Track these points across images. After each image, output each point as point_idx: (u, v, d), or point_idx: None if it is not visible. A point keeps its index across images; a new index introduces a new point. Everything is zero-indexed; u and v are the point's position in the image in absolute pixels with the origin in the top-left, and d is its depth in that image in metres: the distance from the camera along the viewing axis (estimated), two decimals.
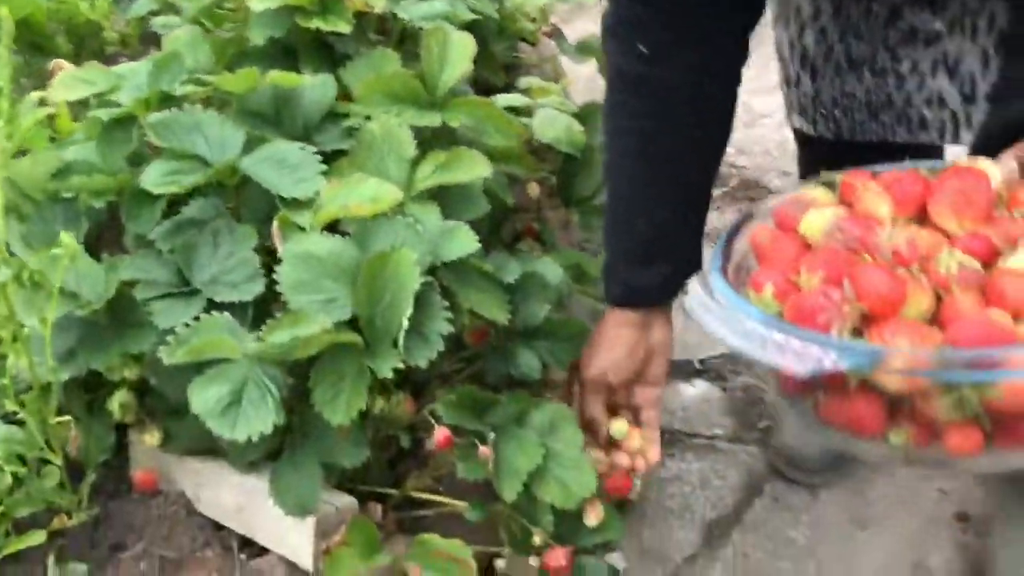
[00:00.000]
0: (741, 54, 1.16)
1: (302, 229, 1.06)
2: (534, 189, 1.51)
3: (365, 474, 1.13)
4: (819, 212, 0.91)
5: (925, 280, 0.83)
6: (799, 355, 0.76)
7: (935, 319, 0.82)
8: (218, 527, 1.13)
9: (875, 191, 0.91)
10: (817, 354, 0.76)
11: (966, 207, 0.87)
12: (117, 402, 1.13)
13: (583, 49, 1.83)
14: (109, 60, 1.73)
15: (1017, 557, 1.35)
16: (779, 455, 1.59)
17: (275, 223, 1.07)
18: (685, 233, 1.22)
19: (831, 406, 0.86)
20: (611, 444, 1.20)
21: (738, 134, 2.42)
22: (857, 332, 0.81)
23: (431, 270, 1.05)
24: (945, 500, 1.54)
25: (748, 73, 2.78)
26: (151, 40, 1.75)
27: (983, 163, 0.92)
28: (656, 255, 1.19)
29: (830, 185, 0.97)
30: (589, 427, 1.21)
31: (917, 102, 1.23)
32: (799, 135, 1.45)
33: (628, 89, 1.16)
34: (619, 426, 1.22)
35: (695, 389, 1.80)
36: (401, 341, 0.96)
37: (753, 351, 0.80)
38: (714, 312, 0.85)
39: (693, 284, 0.88)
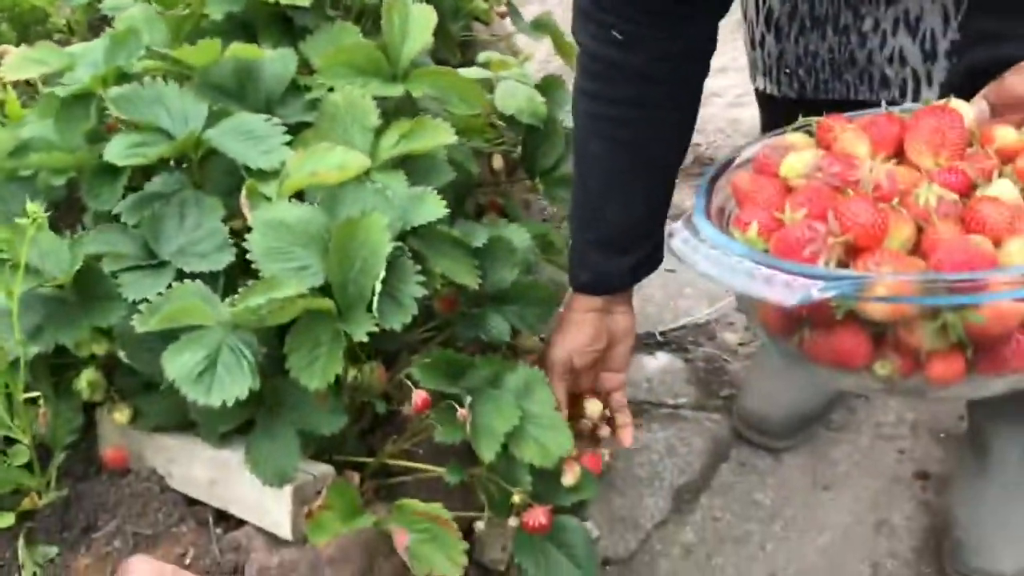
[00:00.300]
0: (712, 41, 1.18)
1: (268, 199, 1.05)
2: (498, 161, 1.52)
3: (341, 445, 1.13)
4: (798, 155, 0.93)
5: (906, 212, 0.85)
6: (787, 287, 0.77)
7: (916, 250, 0.84)
8: (191, 502, 1.12)
9: (853, 132, 0.93)
10: (805, 284, 0.77)
11: (941, 144, 0.89)
12: (85, 380, 1.11)
13: (538, 27, 1.83)
14: None
15: (975, 512, 1.38)
16: (743, 421, 1.61)
17: (243, 192, 1.07)
18: (657, 220, 1.24)
19: (817, 342, 0.87)
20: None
21: None
22: (842, 264, 0.82)
23: (400, 236, 1.05)
24: (905, 460, 1.57)
25: None
26: (98, 28, 1.72)
27: (956, 102, 0.94)
28: (630, 243, 1.21)
29: (807, 130, 1.00)
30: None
31: (879, 60, 1.26)
32: (762, 96, 1.47)
33: (602, 75, 1.17)
34: (593, 407, 1.24)
35: (657, 361, 1.82)
36: (375, 305, 0.96)
37: (742, 286, 0.81)
38: (701, 252, 0.85)
39: (678, 227, 0.89)
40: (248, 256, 1.01)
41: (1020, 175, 0.89)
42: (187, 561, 1.05)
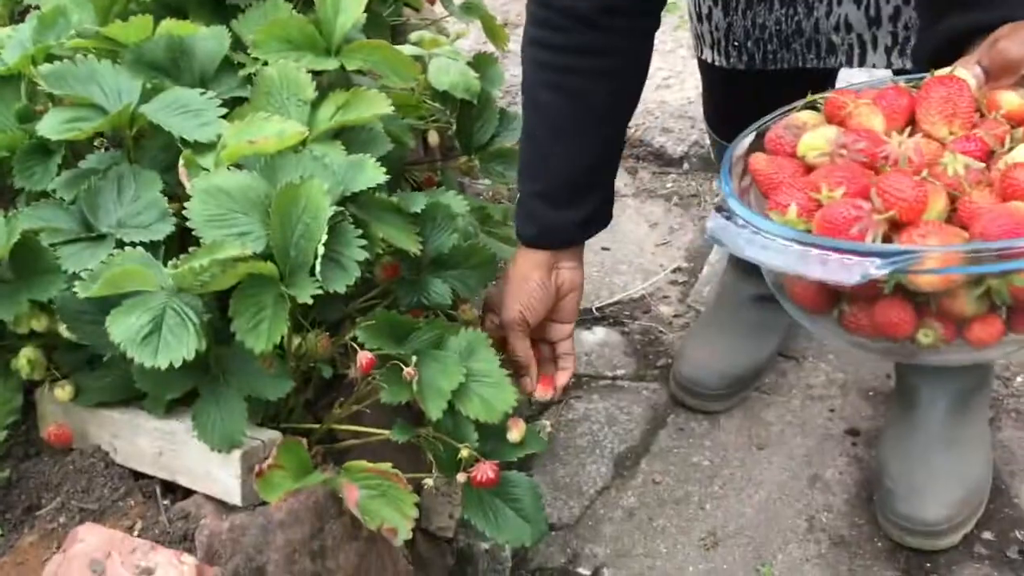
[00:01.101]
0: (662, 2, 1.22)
1: (206, 171, 1.06)
2: (434, 137, 1.53)
3: (289, 413, 1.14)
4: (815, 133, 0.93)
5: (938, 183, 0.86)
6: (844, 266, 0.78)
7: (951, 219, 0.86)
8: (138, 477, 1.12)
9: (868, 107, 0.94)
10: (862, 263, 0.78)
11: (953, 113, 0.91)
12: (24, 359, 1.10)
13: (468, 10, 1.85)
14: None
15: (903, 462, 1.44)
16: (680, 387, 1.65)
17: (180, 162, 1.07)
18: (604, 174, 1.26)
19: (858, 316, 0.88)
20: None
21: None
22: (886, 239, 0.84)
23: (340, 203, 1.06)
24: (836, 418, 1.63)
25: None
26: (22, 20, 1.70)
27: (960, 71, 0.95)
28: (576, 196, 1.23)
29: (812, 107, 1.00)
30: (517, 366, 1.26)
31: (825, 28, 1.29)
32: (707, 68, 1.50)
33: (550, 22, 1.18)
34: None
35: (595, 335, 1.85)
36: (318, 268, 0.97)
37: (795, 268, 0.81)
38: (744, 237, 0.85)
39: (713, 212, 0.89)
40: (188, 224, 1.01)
41: None
42: (136, 533, 1.05)
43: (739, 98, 1.48)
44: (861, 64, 1.37)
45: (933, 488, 1.41)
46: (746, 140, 1.01)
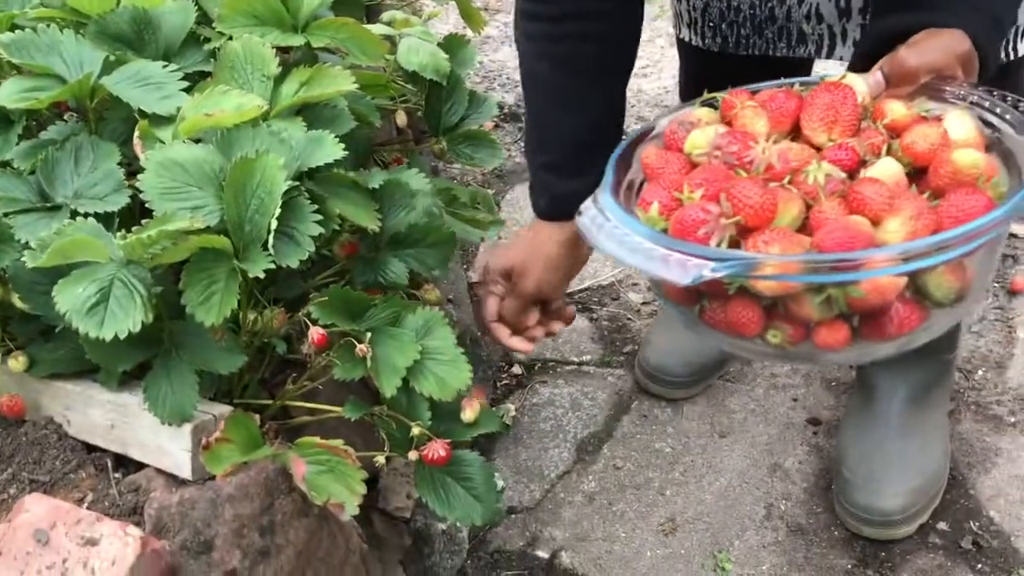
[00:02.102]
0: None
1: (163, 143, 1.05)
2: (401, 117, 1.53)
3: (243, 391, 1.13)
4: (702, 131, 0.96)
5: (796, 191, 0.88)
6: (682, 267, 0.81)
7: (805, 227, 0.88)
8: (91, 449, 1.11)
9: (752, 109, 0.96)
10: (698, 265, 0.81)
11: (834, 120, 0.93)
12: None
13: None
14: None
15: (861, 452, 1.45)
16: (645, 373, 1.66)
17: (136, 133, 1.06)
18: (607, 140, 1.24)
19: (714, 312, 0.91)
20: None
21: None
22: (735, 242, 0.86)
23: (297, 178, 1.06)
24: (798, 407, 1.63)
25: None
26: None
27: (850, 78, 0.98)
28: (581, 165, 1.21)
29: (713, 105, 1.02)
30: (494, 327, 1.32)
31: (797, 17, 1.30)
32: (684, 47, 1.51)
33: None
34: None
35: None
36: (271, 242, 0.97)
37: (641, 265, 0.84)
38: (605, 231, 0.88)
39: (586, 205, 0.92)
40: (142, 196, 1.01)
41: (905, 150, 0.93)
42: (85, 505, 1.05)
43: (713, 80, 1.49)
44: (829, 56, 1.37)
45: (890, 477, 1.42)
46: (641, 134, 1.04)
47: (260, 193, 0.99)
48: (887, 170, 0.92)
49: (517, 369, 1.74)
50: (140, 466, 1.08)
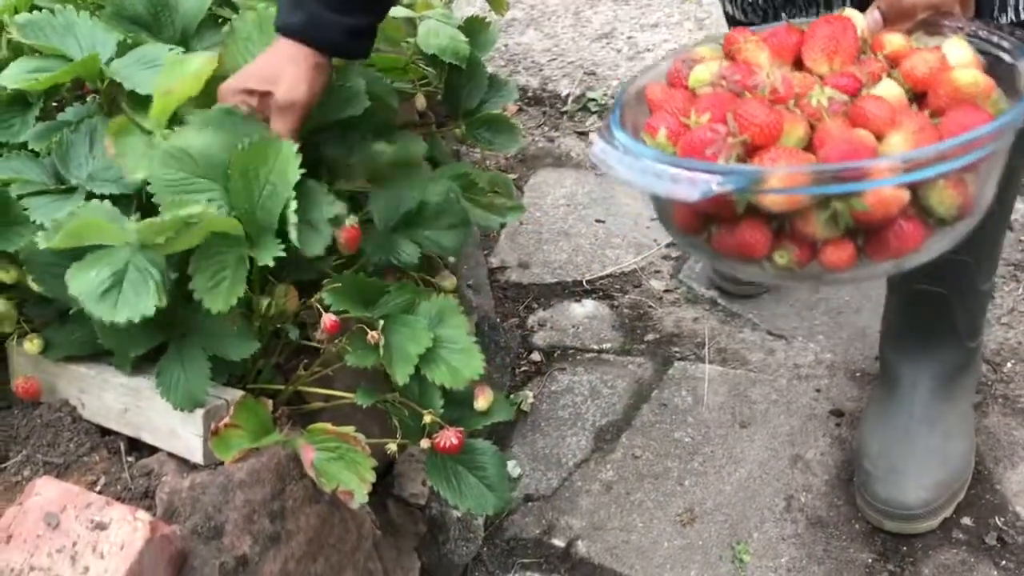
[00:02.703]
0: None
1: (148, 132, 1.04)
2: (421, 101, 1.51)
3: (256, 374, 1.13)
4: (705, 65, 0.98)
5: (800, 112, 0.90)
6: (691, 183, 0.82)
7: (810, 148, 0.89)
8: (104, 432, 1.11)
9: (755, 43, 0.98)
10: (706, 179, 0.82)
11: (835, 51, 0.95)
12: None
13: None
14: None
15: (883, 444, 1.42)
16: (717, 274, 1.74)
17: (107, 131, 1.05)
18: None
19: (723, 236, 0.93)
20: None
21: (622, 68, 2.48)
22: (742, 162, 0.88)
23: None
24: (821, 399, 1.61)
25: (631, 12, 2.83)
26: None
27: (848, 11, 1.00)
28: (357, 4, 1.14)
29: (715, 44, 1.04)
30: None
31: None
32: (730, 20, 1.53)
33: None
34: None
35: (584, 308, 1.84)
36: (294, 235, 0.96)
37: (651, 185, 0.85)
38: (615, 157, 0.89)
39: (595, 136, 0.93)
40: (148, 189, 1.00)
41: (905, 76, 0.95)
42: (98, 488, 1.05)
43: None
44: None
45: (913, 470, 1.40)
46: (647, 74, 1.05)
47: (272, 179, 0.98)
48: (889, 90, 0.94)
49: (536, 356, 1.73)
50: (153, 450, 1.08)
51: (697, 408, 1.61)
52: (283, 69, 1.11)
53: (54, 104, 1.23)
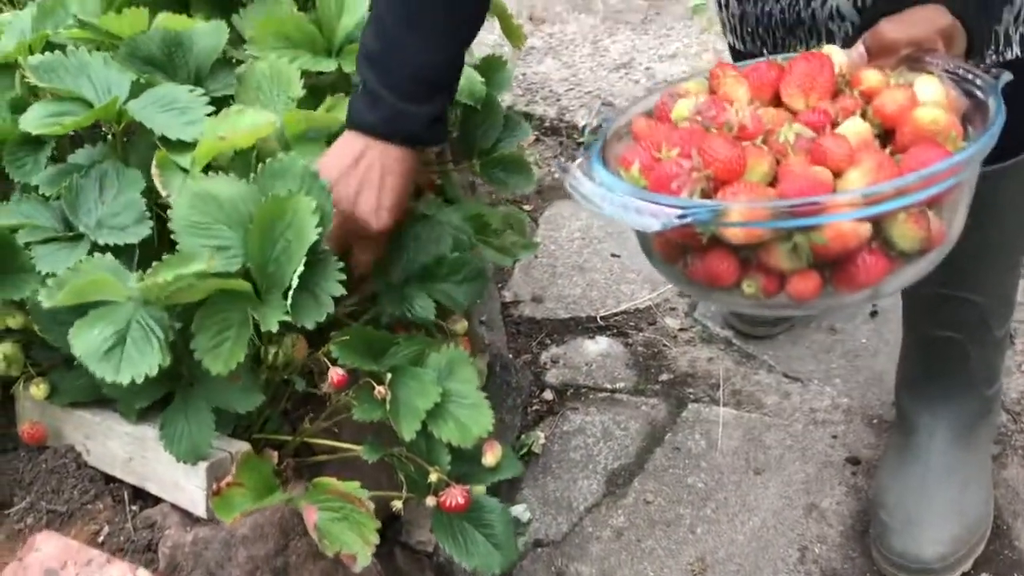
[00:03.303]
0: None
1: (185, 171, 1.03)
2: None
3: (262, 423, 1.12)
4: (687, 100, 1.00)
5: (767, 149, 0.92)
6: (652, 215, 0.86)
7: (775, 183, 0.92)
8: (109, 480, 1.10)
9: (734, 78, 1.00)
10: (667, 213, 0.86)
11: (811, 87, 0.97)
12: (1, 354, 1.09)
13: None
14: None
15: (899, 495, 1.40)
16: (733, 314, 1.73)
17: (154, 162, 1.04)
18: (453, 72, 1.18)
19: (694, 265, 0.96)
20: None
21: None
22: (707, 195, 0.90)
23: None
24: (838, 445, 1.58)
25: (650, 42, 2.82)
26: None
27: (827, 48, 1.02)
28: (426, 92, 1.13)
29: (703, 78, 1.06)
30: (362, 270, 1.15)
31: (821, 18, 1.32)
32: (734, 51, 1.53)
33: None
34: None
35: (598, 345, 1.82)
36: (290, 301, 0.95)
37: (619, 215, 0.89)
38: (590, 188, 0.92)
39: (574, 168, 0.95)
40: (169, 226, 0.99)
41: (876, 112, 0.97)
42: (101, 539, 1.04)
43: None
44: None
45: (930, 522, 1.37)
46: (636, 107, 1.07)
47: (288, 235, 0.97)
48: (854, 129, 0.96)
49: (548, 394, 1.71)
50: (158, 499, 1.07)
51: (711, 453, 1.59)
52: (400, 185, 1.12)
53: (69, 136, 1.22)
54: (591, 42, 2.71)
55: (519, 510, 1.52)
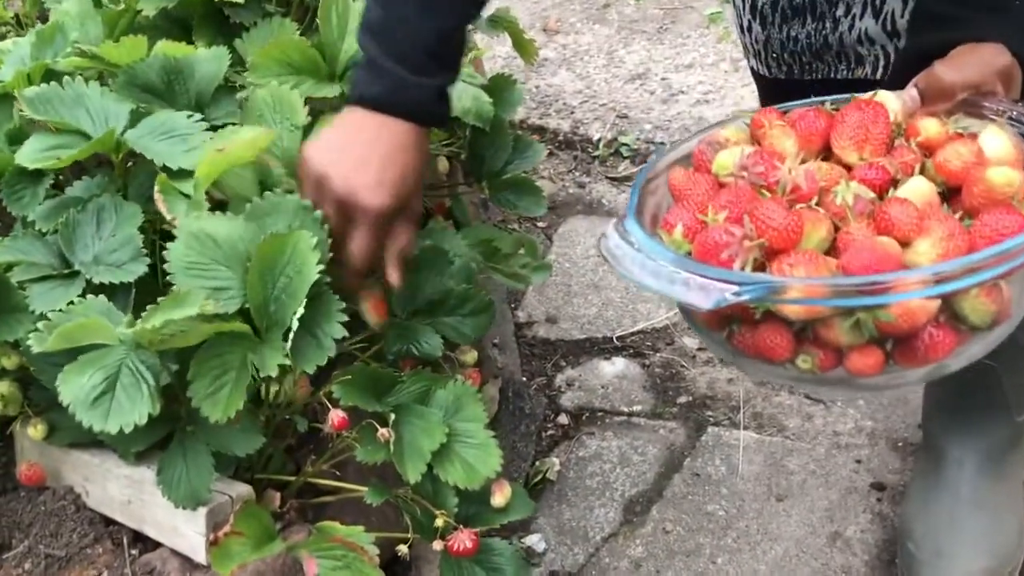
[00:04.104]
0: None
1: (187, 196, 1.00)
2: (443, 164, 1.47)
3: (265, 462, 1.09)
4: (730, 151, 0.93)
5: (823, 212, 0.85)
6: (704, 290, 0.79)
7: (833, 249, 0.85)
8: (109, 522, 1.08)
9: (781, 128, 0.93)
10: (720, 288, 0.79)
11: (865, 139, 0.90)
12: None
13: (495, 23, 1.78)
14: None
15: (928, 525, 1.35)
16: None
17: (156, 188, 1.01)
18: (458, 45, 1.11)
19: (743, 337, 0.89)
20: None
21: (655, 111, 2.42)
22: (760, 265, 0.84)
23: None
24: (862, 470, 1.54)
25: (665, 52, 2.78)
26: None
27: (882, 95, 0.95)
28: (435, 64, 1.07)
29: (742, 124, 1.00)
30: (357, 264, 1.04)
31: (850, 42, 1.29)
32: (755, 75, 1.49)
33: None
34: None
35: (614, 366, 1.78)
36: (289, 344, 0.91)
37: (664, 290, 0.82)
38: (628, 255, 0.85)
39: (610, 230, 0.89)
40: (166, 267, 0.96)
41: (938, 169, 0.90)
42: None
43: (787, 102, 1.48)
44: (885, 74, 1.33)
45: (960, 554, 1.32)
46: (670, 155, 1.00)
47: (289, 271, 0.94)
48: (918, 189, 0.89)
49: (564, 419, 1.68)
50: (157, 543, 1.04)
51: (731, 478, 1.54)
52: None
53: (61, 177, 1.20)
54: (606, 53, 2.67)
55: (534, 540, 1.48)
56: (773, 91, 1.49)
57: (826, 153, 0.94)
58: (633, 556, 1.44)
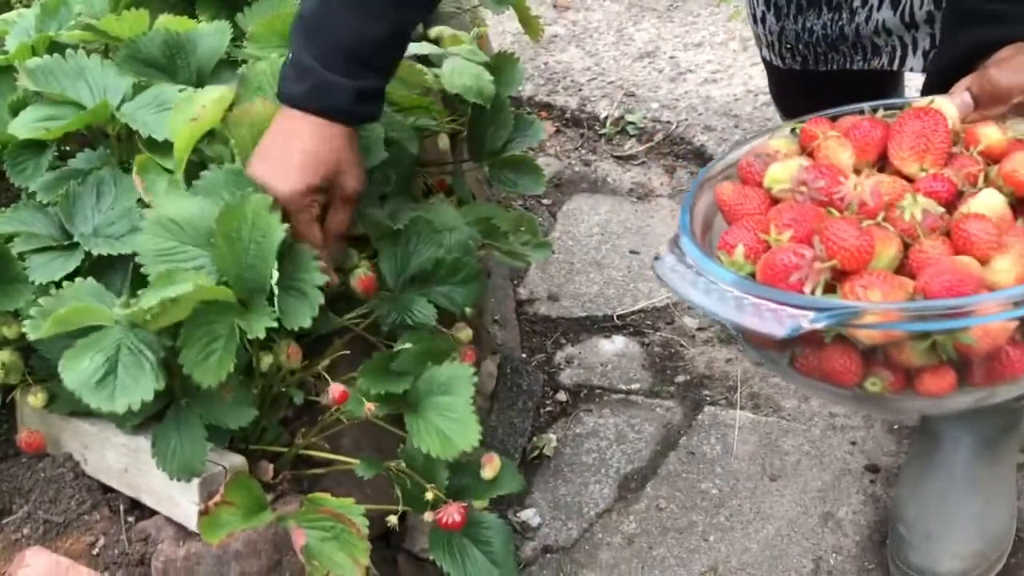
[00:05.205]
0: None
1: (169, 171, 1.01)
2: (443, 141, 1.47)
3: (260, 434, 1.10)
4: (783, 165, 0.90)
5: (892, 229, 0.82)
6: (776, 318, 0.76)
7: (903, 266, 0.82)
8: (106, 490, 1.10)
9: (836, 139, 0.90)
10: (794, 315, 0.75)
11: (925, 149, 0.87)
12: (0, 362, 1.08)
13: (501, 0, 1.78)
14: None
15: (919, 507, 1.36)
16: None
17: (135, 169, 1.03)
18: (391, 54, 1.13)
19: (807, 360, 0.86)
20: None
21: (662, 89, 2.41)
22: (830, 287, 0.81)
23: None
24: (857, 452, 1.55)
25: (674, 30, 2.76)
26: None
27: (939, 101, 0.91)
28: (356, 67, 1.08)
29: (790, 133, 0.97)
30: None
31: (866, 33, 1.27)
32: (768, 66, 1.48)
33: None
34: None
35: (614, 345, 1.79)
36: (276, 303, 0.92)
37: (731, 317, 0.79)
38: (689, 280, 0.82)
39: (663, 248, 0.86)
40: (137, 259, 0.97)
41: (1006, 179, 0.87)
42: (96, 551, 1.03)
43: (799, 93, 1.46)
44: (902, 65, 1.33)
45: (950, 538, 1.33)
46: (717, 165, 0.97)
47: (256, 237, 0.95)
48: (990, 203, 0.86)
49: (562, 395, 1.69)
50: (154, 510, 1.06)
51: (726, 458, 1.56)
52: (334, 154, 1.06)
53: (66, 149, 1.21)
54: (615, 30, 2.66)
55: (529, 514, 1.50)
56: (788, 81, 1.49)
57: (881, 163, 0.91)
58: (626, 532, 1.46)
